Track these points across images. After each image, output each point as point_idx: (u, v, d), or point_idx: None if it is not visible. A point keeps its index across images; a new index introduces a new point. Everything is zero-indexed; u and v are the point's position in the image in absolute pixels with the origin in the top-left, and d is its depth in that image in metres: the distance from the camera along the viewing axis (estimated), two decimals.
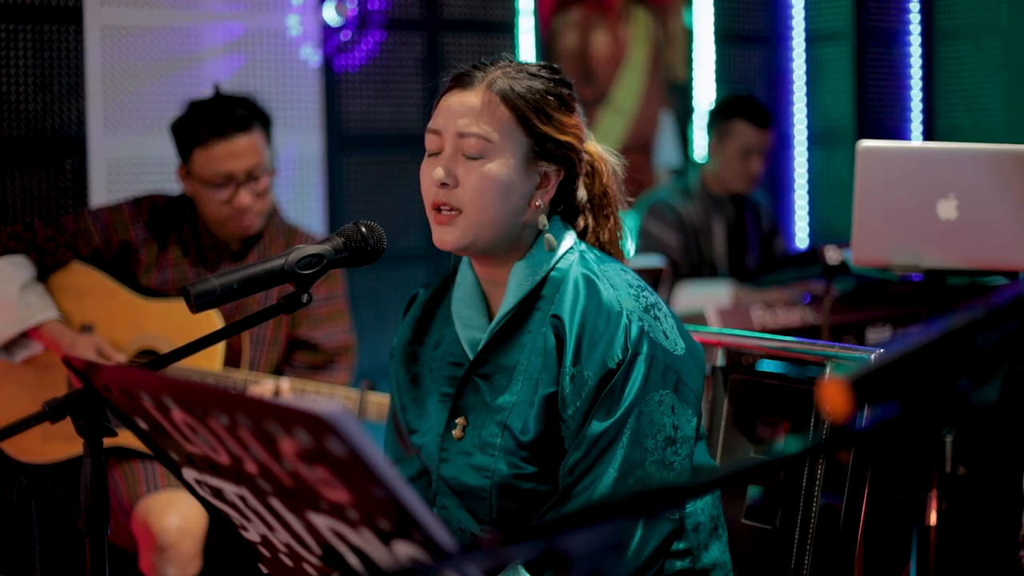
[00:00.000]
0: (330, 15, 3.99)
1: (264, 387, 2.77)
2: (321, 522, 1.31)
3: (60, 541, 3.39)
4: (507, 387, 1.81)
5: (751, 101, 4.25)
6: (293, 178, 3.97)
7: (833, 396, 1.02)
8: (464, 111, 1.79)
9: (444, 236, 1.80)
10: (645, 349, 1.73)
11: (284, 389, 2.74)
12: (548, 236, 1.82)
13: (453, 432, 1.86)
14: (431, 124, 1.82)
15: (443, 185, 1.78)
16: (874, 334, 3.59)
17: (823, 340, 3.31)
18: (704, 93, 4.77)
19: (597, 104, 4.55)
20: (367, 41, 4.05)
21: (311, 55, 3.98)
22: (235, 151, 2.88)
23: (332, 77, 4.01)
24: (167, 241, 2.96)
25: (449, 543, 1.08)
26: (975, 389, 1.05)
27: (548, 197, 1.83)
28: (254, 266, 1.75)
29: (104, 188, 3.65)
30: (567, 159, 1.83)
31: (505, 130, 1.78)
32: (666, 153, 4.67)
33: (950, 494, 3.03)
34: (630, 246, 1.96)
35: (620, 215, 1.92)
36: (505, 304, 1.83)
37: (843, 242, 3.43)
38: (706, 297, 3.71)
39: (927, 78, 4.60)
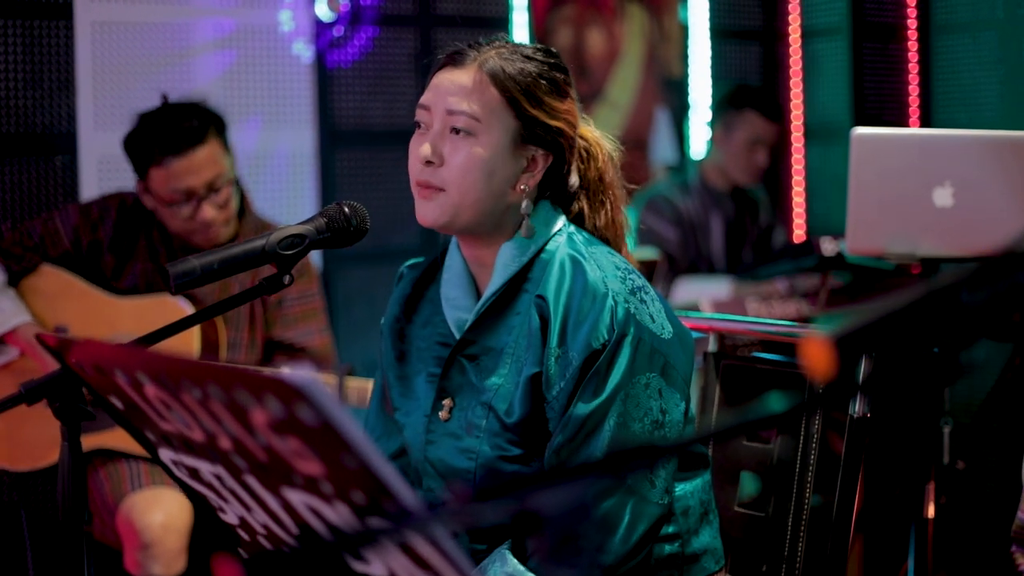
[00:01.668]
0: (322, 10, 3.98)
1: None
2: (296, 498, 1.28)
3: (53, 544, 3.34)
4: (494, 369, 1.81)
5: (762, 92, 4.25)
6: (285, 175, 3.97)
7: (816, 353, 0.99)
8: (454, 89, 1.78)
9: (425, 212, 1.80)
10: (631, 331, 1.72)
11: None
12: (527, 223, 1.82)
13: (440, 413, 1.86)
14: (422, 99, 1.82)
15: (428, 163, 1.78)
16: None
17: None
18: (700, 89, 4.75)
19: (592, 100, 4.53)
20: (360, 37, 4.04)
21: (303, 51, 3.98)
22: (192, 167, 2.82)
23: (324, 73, 4.00)
24: (137, 240, 2.92)
25: (422, 511, 1.05)
26: (963, 348, 1.02)
27: (534, 181, 1.82)
28: (235, 246, 1.73)
29: (95, 185, 3.63)
30: (556, 144, 1.82)
31: (493, 111, 1.78)
32: (662, 150, 4.66)
33: (949, 488, 3.01)
34: (627, 233, 1.94)
35: (620, 203, 1.91)
36: (492, 285, 1.83)
37: (839, 234, 3.41)
38: (704, 291, 3.70)
39: (924, 73, 4.60)
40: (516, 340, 1.80)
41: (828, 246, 3.44)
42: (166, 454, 1.49)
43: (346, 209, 1.77)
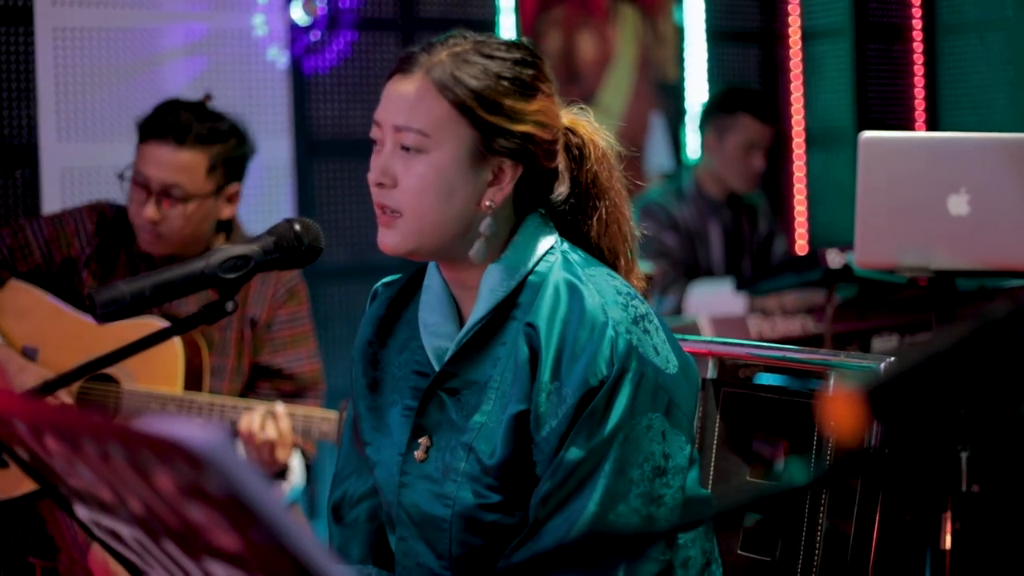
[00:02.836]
0: (298, 14, 3.92)
1: (258, 414, 2.58)
2: (222, 572, 1.11)
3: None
4: (477, 405, 1.67)
5: (755, 94, 4.17)
6: (260, 187, 3.88)
7: (841, 411, 0.80)
8: (400, 102, 1.64)
9: (386, 239, 1.67)
10: (633, 365, 1.58)
11: (280, 414, 2.57)
12: (480, 244, 1.66)
13: (415, 453, 1.71)
14: (375, 113, 1.68)
15: (380, 185, 1.65)
16: (880, 343, 3.47)
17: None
18: (696, 93, 4.71)
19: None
20: (338, 41, 3.99)
21: (278, 57, 3.92)
22: (157, 159, 2.69)
23: (301, 80, 3.95)
24: (116, 256, 2.78)
25: None
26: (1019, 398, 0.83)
27: (502, 195, 1.66)
28: (170, 270, 1.60)
29: (58, 199, 3.53)
30: (524, 152, 1.65)
31: (443, 124, 1.63)
32: (657, 157, 4.62)
33: (964, 514, 2.88)
34: (631, 241, 1.78)
35: (621, 209, 1.75)
36: (476, 311, 1.68)
37: (845, 245, 3.33)
38: (715, 298, 3.59)
39: (930, 75, 4.61)
40: (502, 373, 1.66)
41: (834, 258, 3.31)
42: (82, 512, 1.34)
43: (297, 227, 1.65)
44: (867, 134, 2.58)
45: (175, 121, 2.69)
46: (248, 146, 2.79)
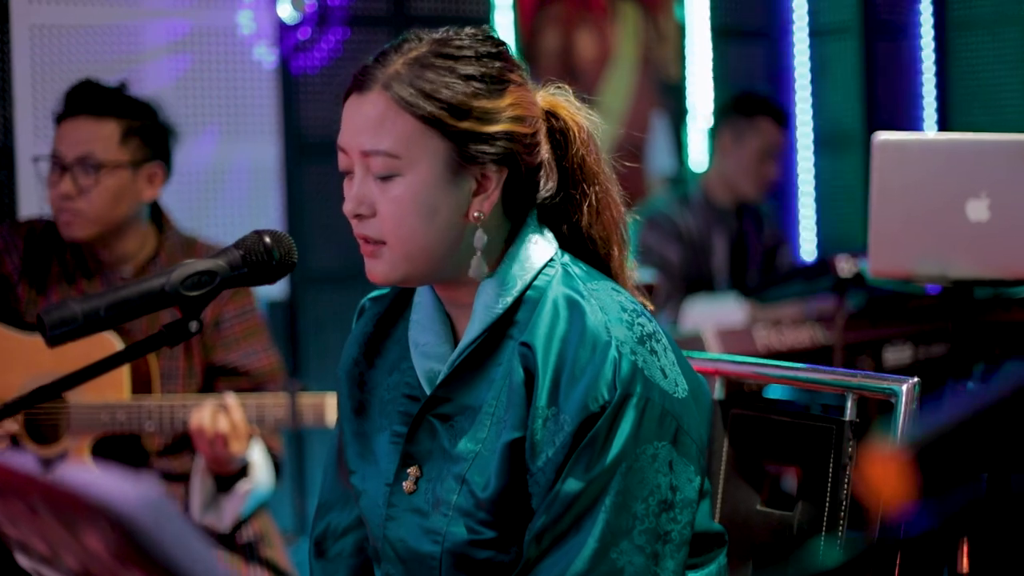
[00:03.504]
0: (286, 11, 3.90)
1: (207, 408, 2.53)
2: None
3: None
4: (470, 432, 1.57)
5: (770, 98, 4.16)
6: (246, 192, 3.87)
7: (887, 476, 0.67)
8: (363, 124, 1.54)
9: (374, 270, 1.57)
10: (638, 389, 1.48)
11: (231, 405, 2.53)
12: (478, 259, 1.57)
13: (404, 484, 1.61)
14: (338, 139, 1.58)
15: (358, 216, 1.56)
16: (893, 353, 3.38)
17: (836, 362, 3.11)
18: (699, 93, 4.69)
19: None
20: (328, 40, 3.97)
21: (265, 55, 3.89)
22: (73, 134, 2.66)
23: (289, 79, 3.92)
24: (49, 269, 2.71)
25: None
26: None
27: (490, 203, 1.56)
28: (128, 286, 1.47)
29: (35, 202, 3.42)
30: (506, 154, 1.55)
31: (412, 141, 1.52)
32: (659, 159, 4.60)
33: (983, 534, 2.79)
34: (623, 232, 1.68)
35: (611, 194, 1.64)
36: (470, 331, 1.58)
37: (856, 252, 3.30)
38: (716, 314, 3.54)
39: (941, 73, 4.59)
40: (497, 397, 1.57)
41: (845, 266, 3.23)
42: (23, 561, 1.25)
43: (267, 239, 1.52)
44: (881, 136, 2.50)
45: (88, 96, 2.68)
46: (168, 125, 2.76)
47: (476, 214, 1.55)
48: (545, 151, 1.60)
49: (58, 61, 3.55)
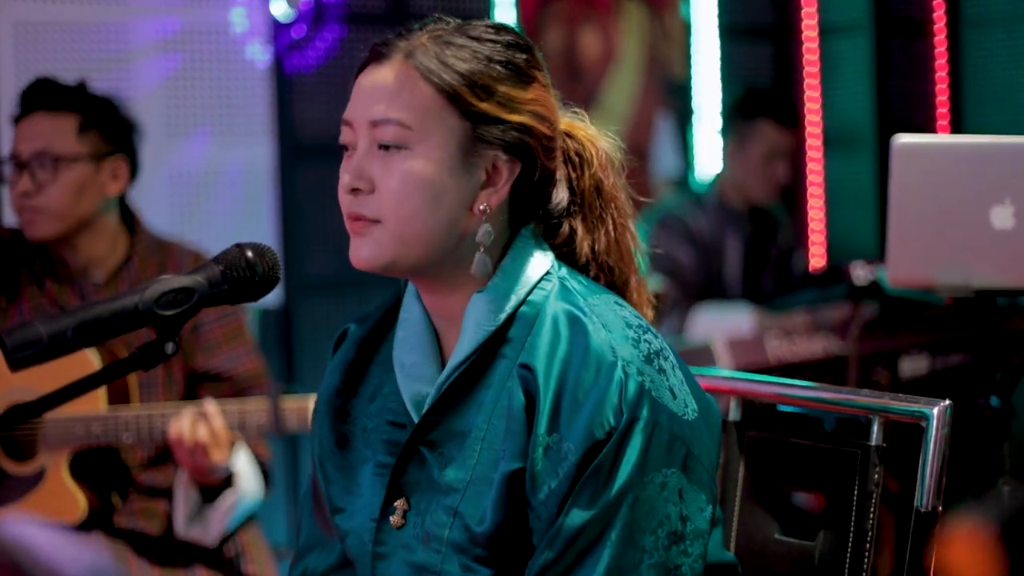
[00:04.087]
0: (280, 8, 3.88)
1: (186, 416, 2.48)
2: None
3: None
4: (461, 460, 1.49)
5: (774, 97, 4.11)
6: (239, 195, 3.85)
7: (972, 560, 0.57)
8: (377, 92, 1.48)
9: (360, 251, 1.49)
10: (644, 413, 1.42)
11: (211, 412, 2.48)
12: (481, 257, 1.50)
13: (392, 519, 1.53)
14: (345, 113, 1.52)
15: (355, 191, 1.48)
16: (909, 364, 3.32)
17: (851, 373, 3.08)
18: (706, 93, 4.67)
19: (585, 107, 4.34)
20: (323, 38, 3.94)
21: (259, 54, 3.87)
22: (30, 130, 2.64)
23: (283, 79, 3.90)
24: (18, 279, 2.68)
25: None
26: None
27: (498, 198, 1.50)
28: (98, 305, 1.39)
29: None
30: (522, 147, 1.49)
31: (428, 112, 1.47)
32: (664, 161, 4.58)
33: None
34: (638, 257, 1.65)
35: (626, 219, 1.61)
36: (459, 349, 1.50)
37: (871, 258, 3.26)
38: (725, 322, 3.49)
39: (955, 72, 4.53)
40: (490, 422, 1.49)
41: (860, 273, 3.22)
42: None
43: (249, 253, 1.43)
44: (901, 139, 2.46)
45: (43, 93, 2.67)
46: (130, 120, 2.74)
47: (482, 207, 1.48)
48: (559, 168, 1.55)
49: (43, 60, 3.53)
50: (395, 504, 1.52)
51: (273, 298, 3.69)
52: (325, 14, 3.93)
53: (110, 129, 2.67)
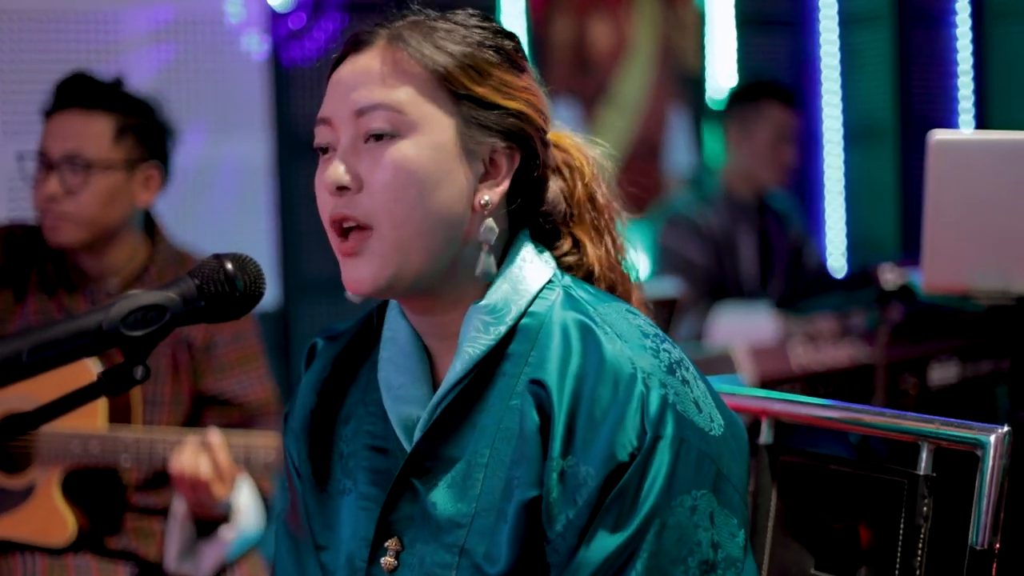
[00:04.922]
0: None
1: (188, 448, 2.41)
2: None
3: None
4: (459, 490, 1.38)
5: (774, 81, 4.11)
6: (235, 191, 3.85)
7: None
8: (360, 79, 1.37)
9: (357, 273, 1.36)
10: (669, 430, 1.31)
11: (215, 444, 2.40)
12: (485, 257, 1.39)
13: (383, 560, 1.40)
14: (320, 112, 1.41)
15: (341, 190, 1.36)
16: (939, 371, 3.24)
17: (879, 382, 3.04)
18: (721, 86, 4.65)
19: (596, 101, 4.46)
20: (322, 28, 3.92)
21: (255, 45, 3.87)
22: (62, 128, 2.56)
23: (281, 71, 3.90)
24: (27, 281, 2.61)
25: None
26: None
27: (500, 191, 1.39)
28: (59, 324, 1.25)
29: (4, 204, 3.42)
30: (520, 135, 1.39)
31: (421, 96, 1.37)
32: (677, 156, 4.57)
33: None
34: (640, 268, 1.56)
35: (622, 238, 1.53)
36: (454, 368, 1.38)
37: (892, 258, 3.24)
38: (746, 327, 3.40)
39: (978, 65, 4.48)
40: (493, 447, 1.37)
41: (890, 276, 3.11)
42: None
43: (228, 265, 1.29)
44: (939, 135, 2.37)
45: (80, 88, 2.58)
46: (165, 123, 2.67)
47: (484, 200, 1.37)
48: (551, 174, 1.47)
49: (29, 50, 3.52)
50: (386, 544, 1.40)
51: (271, 299, 3.67)
52: (324, 3, 3.92)
53: (146, 134, 2.61)
